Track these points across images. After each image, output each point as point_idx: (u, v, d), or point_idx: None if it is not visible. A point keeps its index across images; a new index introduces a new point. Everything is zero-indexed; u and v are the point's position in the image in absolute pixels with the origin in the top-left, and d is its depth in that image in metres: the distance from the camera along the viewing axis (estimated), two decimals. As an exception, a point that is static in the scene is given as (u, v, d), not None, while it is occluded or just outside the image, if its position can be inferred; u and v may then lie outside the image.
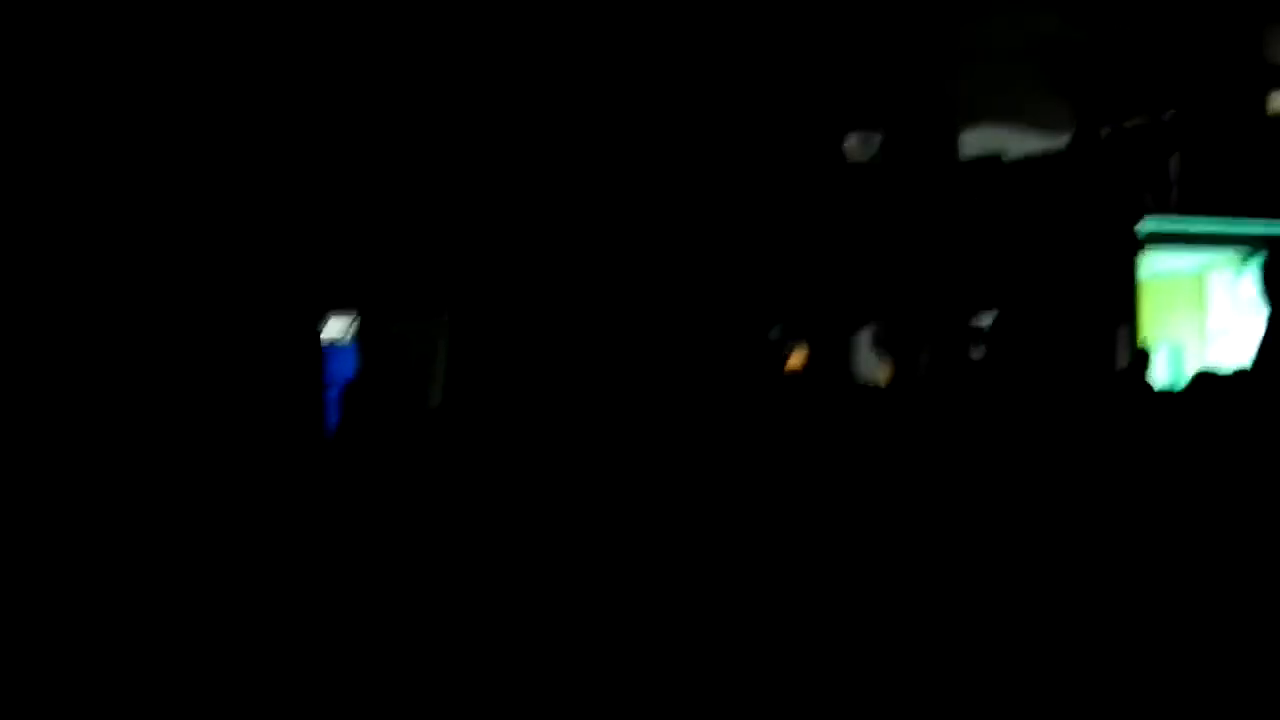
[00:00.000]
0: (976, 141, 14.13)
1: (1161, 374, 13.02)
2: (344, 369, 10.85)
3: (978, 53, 13.20)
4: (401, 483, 5.01)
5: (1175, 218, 13.87)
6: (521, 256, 11.11)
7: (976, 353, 14.05)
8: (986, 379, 11.53)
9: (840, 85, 12.74)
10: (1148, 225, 13.60)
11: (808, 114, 12.74)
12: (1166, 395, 7.24)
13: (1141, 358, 11.58)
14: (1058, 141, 14.12)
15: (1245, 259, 13.59)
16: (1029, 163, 13.92)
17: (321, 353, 10.67)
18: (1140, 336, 13.11)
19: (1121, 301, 13.40)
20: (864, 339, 14.09)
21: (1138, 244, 13.63)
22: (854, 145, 13.60)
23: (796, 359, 14.49)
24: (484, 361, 10.99)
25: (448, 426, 5.53)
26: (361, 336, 10.48)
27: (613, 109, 11.56)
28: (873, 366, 13.98)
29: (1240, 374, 4.25)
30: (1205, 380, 4.48)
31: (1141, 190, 14.04)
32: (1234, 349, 12.83)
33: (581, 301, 11.33)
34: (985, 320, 14.08)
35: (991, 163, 13.89)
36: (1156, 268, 13.91)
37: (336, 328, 11.10)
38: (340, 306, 10.64)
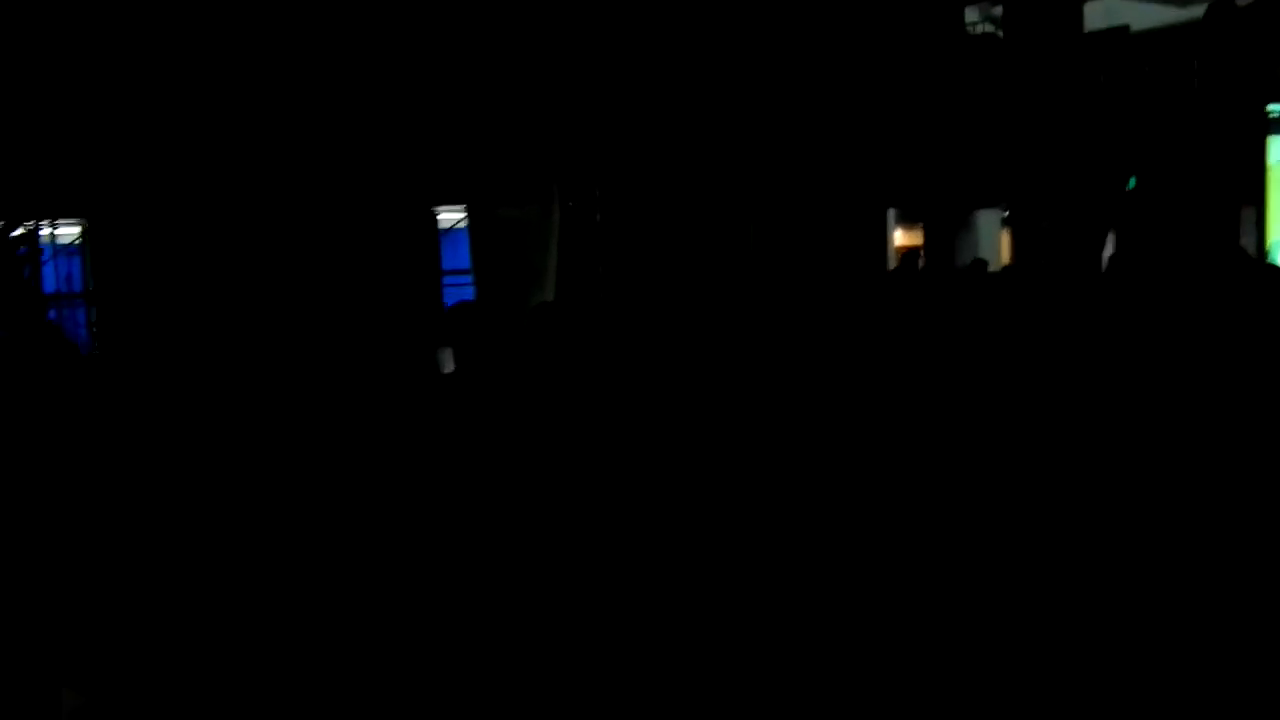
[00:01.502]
0: (1101, 13, 13.59)
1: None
2: (458, 255, 10.98)
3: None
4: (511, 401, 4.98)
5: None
6: (636, 147, 11.04)
7: (1101, 232, 13.71)
8: (1113, 259, 11.27)
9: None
10: (1280, 107, 13.03)
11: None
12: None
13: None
14: (1188, 14, 13.52)
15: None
16: (1157, 36, 13.35)
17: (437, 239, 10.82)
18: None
19: (1249, 183, 12.88)
20: (984, 219, 13.81)
21: (1269, 125, 13.06)
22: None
23: (914, 238, 14.31)
24: (593, 250, 11.03)
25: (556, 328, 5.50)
26: (473, 223, 10.50)
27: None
28: (991, 246, 13.72)
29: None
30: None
31: (1276, 69, 13.40)
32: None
33: (696, 184, 11.24)
34: (1108, 199, 13.71)
35: (1118, 35, 13.33)
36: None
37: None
38: (453, 196, 10.68)
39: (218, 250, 9.73)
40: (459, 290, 10.86)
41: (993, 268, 13.19)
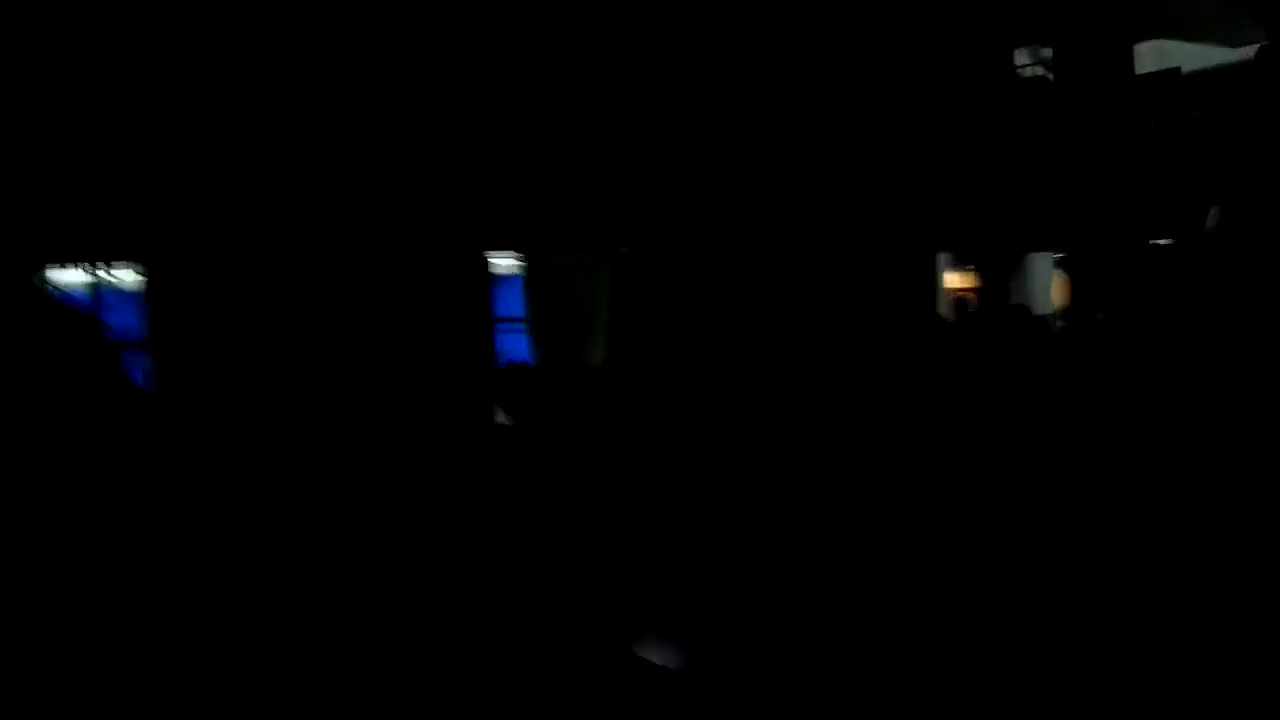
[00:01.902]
0: (1153, 55, 13.53)
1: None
2: (510, 302, 11.03)
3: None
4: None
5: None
6: (691, 189, 11.07)
7: (1158, 277, 13.59)
8: (1171, 305, 11.16)
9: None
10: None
11: (977, 26, 12.33)
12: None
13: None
14: (1240, 55, 13.43)
15: None
16: (1209, 76, 13.26)
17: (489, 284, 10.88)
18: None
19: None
20: (1038, 263, 13.72)
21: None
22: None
23: (968, 284, 14.23)
24: (647, 299, 11.05)
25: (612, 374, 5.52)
26: (527, 270, 10.54)
27: (766, 25, 11.37)
28: (1047, 292, 13.62)
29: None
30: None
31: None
32: None
33: (749, 229, 11.24)
34: (1163, 243, 13.59)
35: (1169, 77, 13.26)
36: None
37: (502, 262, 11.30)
38: (506, 242, 10.74)
39: (272, 293, 9.82)
40: (513, 338, 10.90)
41: (1046, 311, 13.13)
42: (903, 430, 5.84)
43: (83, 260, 10.01)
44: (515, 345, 10.66)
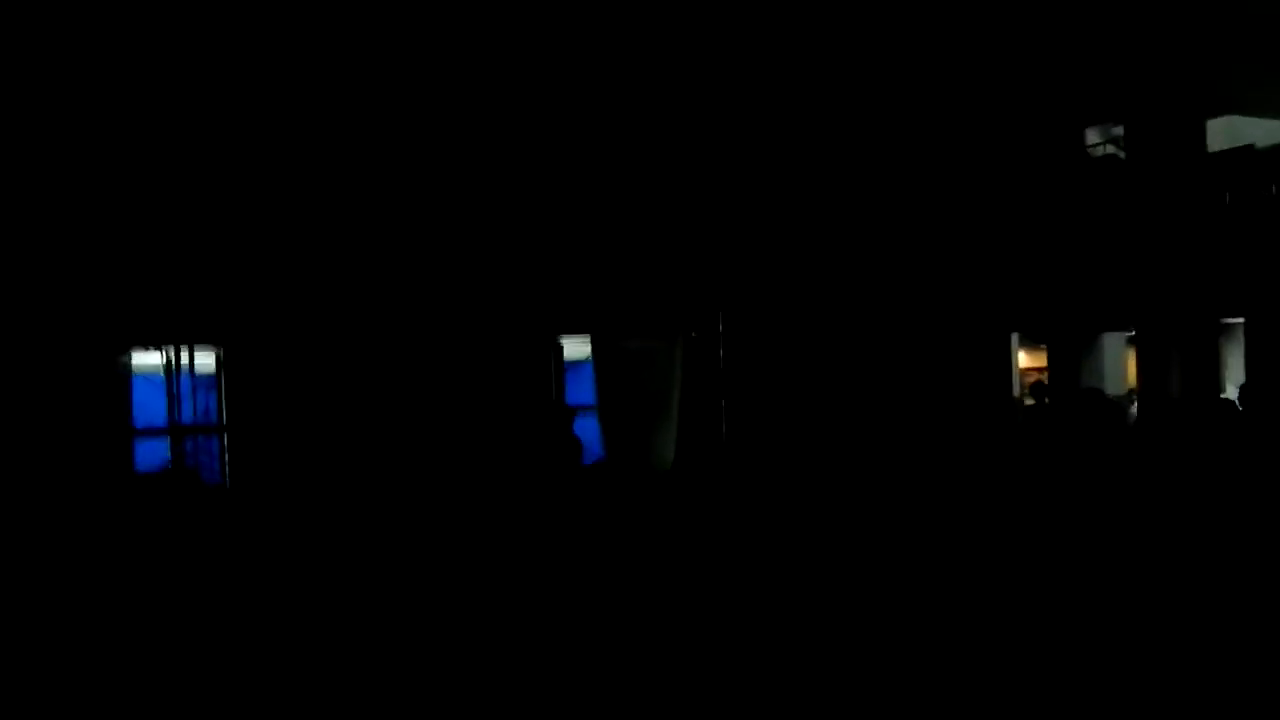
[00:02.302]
0: (1224, 131, 13.41)
1: None
2: (580, 388, 11.09)
3: (1225, 37, 12.51)
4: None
5: None
6: (759, 279, 11.10)
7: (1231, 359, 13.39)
8: (1242, 393, 10.99)
9: (1082, 75, 12.24)
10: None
11: (1048, 105, 12.30)
12: None
13: None
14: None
15: None
16: (1282, 153, 13.12)
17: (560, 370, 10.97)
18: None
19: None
20: (1109, 343, 13.54)
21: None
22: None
23: (1038, 364, 14.10)
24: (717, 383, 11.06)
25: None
26: (597, 355, 10.57)
27: (837, 110, 11.41)
28: (1118, 373, 13.44)
29: None
30: None
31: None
32: None
33: (819, 312, 11.24)
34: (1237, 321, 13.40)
35: (1243, 154, 13.13)
36: None
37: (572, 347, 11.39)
38: (577, 327, 10.80)
39: (348, 378, 9.92)
40: (585, 423, 10.93)
41: (1117, 391, 12.94)
42: (979, 516, 5.79)
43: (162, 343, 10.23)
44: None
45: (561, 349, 11.12)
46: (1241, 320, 13.33)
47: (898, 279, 11.46)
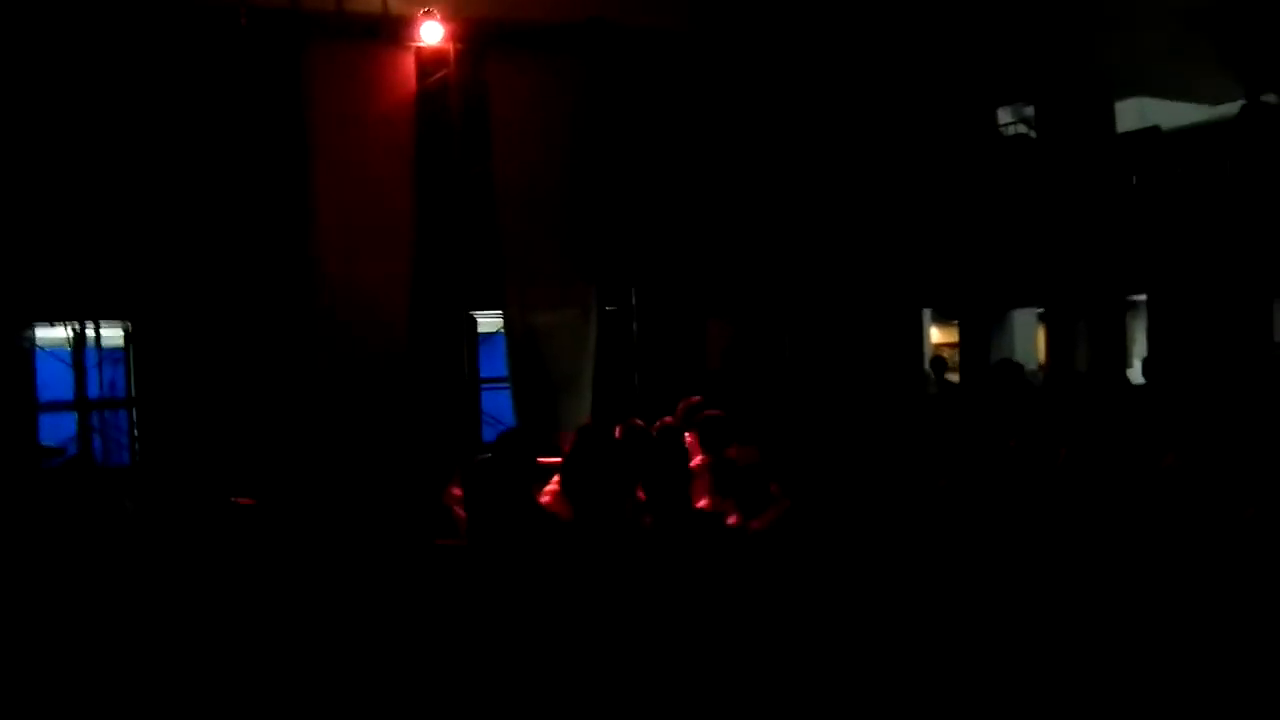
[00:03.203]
0: (1134, 113, 13.66)
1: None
2: (494, 360, 11.09)
3: (1134, 20, 12.74)
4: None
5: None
6: (672, 250, 11.15)
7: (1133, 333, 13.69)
8: (1146, 365, 11.23)
9: (993, 54, 12.40)
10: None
11: (960, 83, 12.44)
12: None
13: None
14: (1219, 113, 13.56)
15: None
16: (1190, 134, 13.39)
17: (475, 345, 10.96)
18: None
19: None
20: (1019, 318, 13.80)
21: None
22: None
23: (949, 335, 14.31)
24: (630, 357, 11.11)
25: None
26: (508, 327, 10.57)
27: (748, 84, 11.48)
28: (1028, 349, 13.71)
29: None
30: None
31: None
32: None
33: (730, 286, 11.32)
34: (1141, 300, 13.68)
35: (1149, 135, 13.39)
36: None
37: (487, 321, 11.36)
38: (490, 301, 10.80)
39: (258, 349, 9.81)
40: (495, 396, 10.93)
41: (1029, 366, 13.19)
42: (891, 487, 5.83)
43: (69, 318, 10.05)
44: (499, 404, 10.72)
45: (475, 323, 11.14)
46: (1145, 298, 13.65)
47: (810, 253, 11.54)
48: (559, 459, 7.26)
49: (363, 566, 5.04)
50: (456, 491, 6.36)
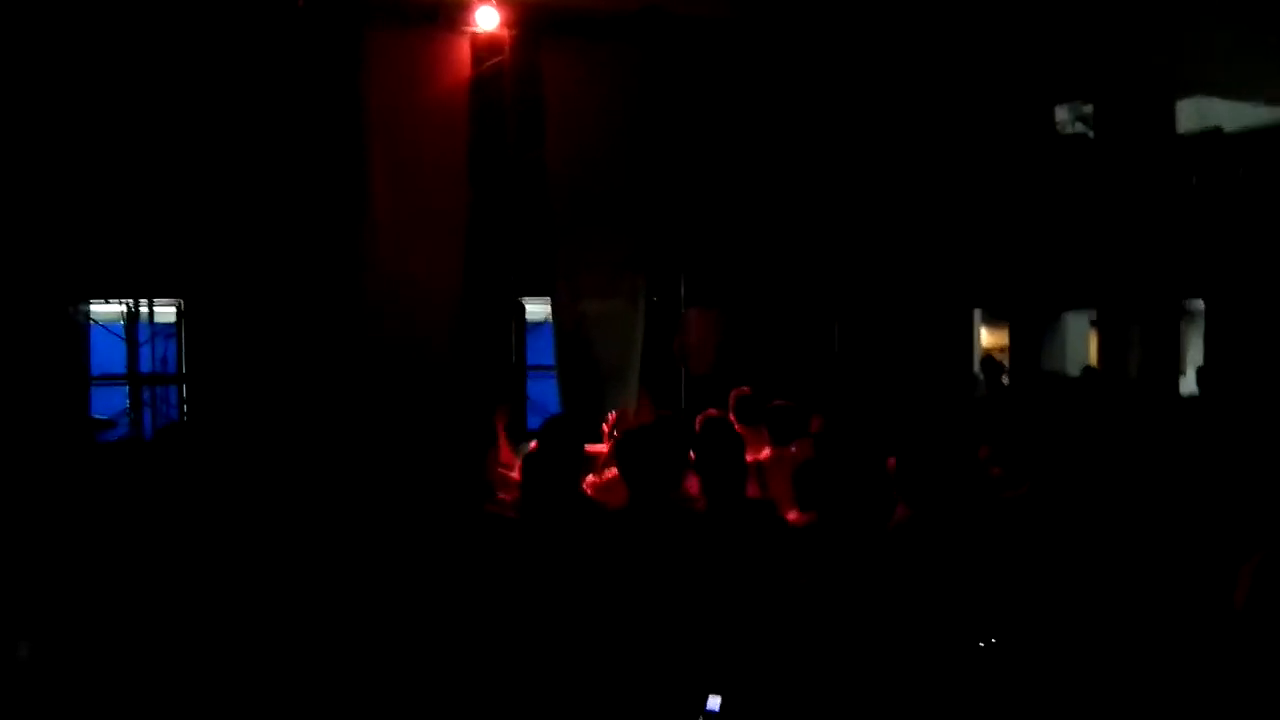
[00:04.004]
0: (1194, 113, 13.46)
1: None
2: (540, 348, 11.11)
3: (1198, 17, 12.54)
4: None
5: None
6: (722, 241, 11.11)
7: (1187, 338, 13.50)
8: (1202, 373, 11.10)
9: (1052, 52, 12.23)
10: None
11: (1017, 81, 12.29)
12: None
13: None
14: (1281, 114, 13.35)
15: None
16: (1253, 136, 13.19)
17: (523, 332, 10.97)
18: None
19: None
20: (1072, 321, 13.63)
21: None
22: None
23: (999, 338, 14.16)
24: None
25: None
26: (556, 315, 10.57)
27: (803, 84, 11.40)
28: (1080, 353, 13.53)
29: None
30: None
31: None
32: None
33: (781, 282, 11.26)
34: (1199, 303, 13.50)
35: (1211, 136, 13.21)
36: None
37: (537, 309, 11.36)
38: (538, 288, 10.80)
39: (308, 329, 9.87)
40: (541, 384, 10.94)
41: (1080, 369, 13.04)
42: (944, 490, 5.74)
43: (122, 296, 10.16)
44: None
45: (524, 310, 11.15)
46: (1203, 303, 13.46)
47: (860, 248, 11.45)
48: (603, 446, 7.27)
49: (407, 537, 5.05)
50: (503, 470, 6.39)
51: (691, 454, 4.91)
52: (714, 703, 3.79)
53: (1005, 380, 12.32)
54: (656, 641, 4.08)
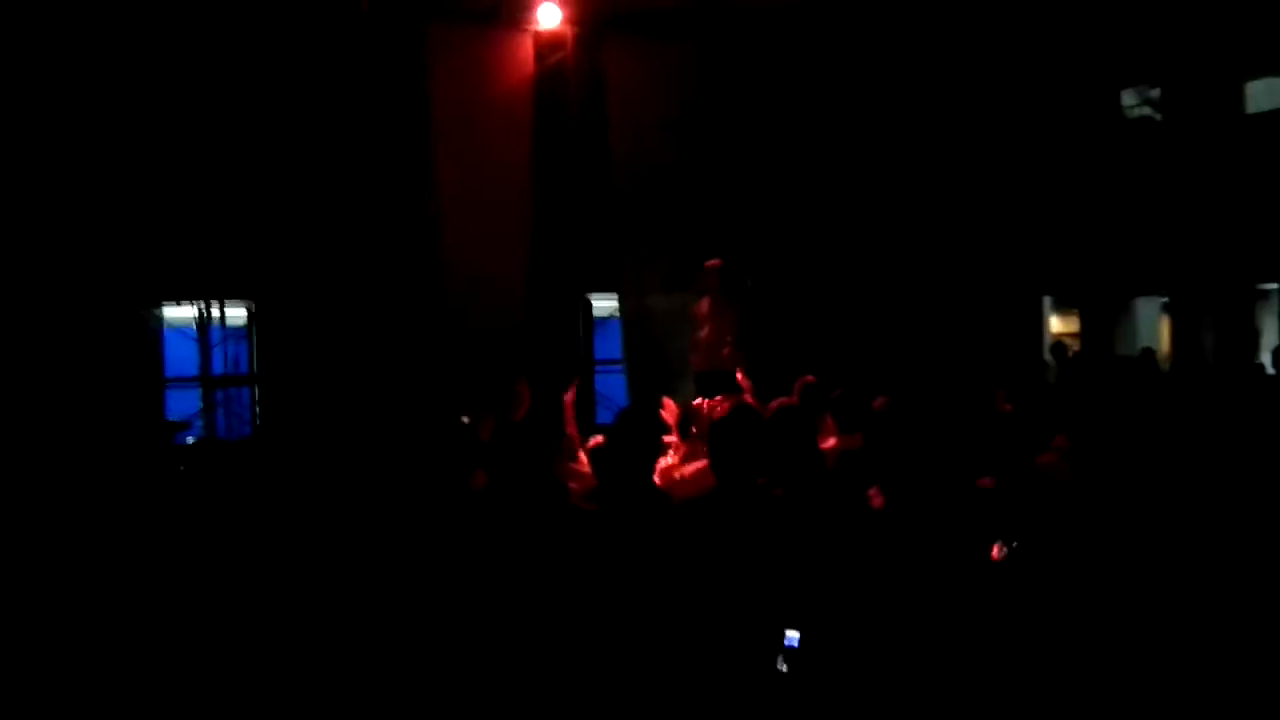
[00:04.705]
0: (1265, 93, 13.21)
1: None
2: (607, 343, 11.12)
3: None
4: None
5: None
6: (789, 237, 11.07)
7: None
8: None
9: (1118, 35, 12.08)
10: None
11: (1084, 66, 12.15)
12: None
13: None
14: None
15: None
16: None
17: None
18: None
19: None
20: (1143, 306, 13.44)
21: None
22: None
23: (1069, 324, 13.98)
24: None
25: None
26: (624, 312, 10.61)
27: (878, 70, 11.34)
28: (1152, 339, 13.33)
29: None
30: None
31: None
32: None
33: (851, 273, 11.20)
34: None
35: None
36: None
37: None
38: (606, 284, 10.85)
39: (376, 330, 9.96)
40: (608, 379, 10.96)
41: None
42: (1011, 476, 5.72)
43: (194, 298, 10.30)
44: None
45: (590, 306, 11.16)
46: (1277, 286, 13.22)
47: (932, 239, 11.37)
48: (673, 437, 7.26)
49: (478, 533, 5.07)
50: (574, 465, 6.40)
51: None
52: (793, 637, 3.82)
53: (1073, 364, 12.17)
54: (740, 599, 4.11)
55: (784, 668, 3.82)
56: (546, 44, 10.26)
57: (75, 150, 9.29)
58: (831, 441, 7.03)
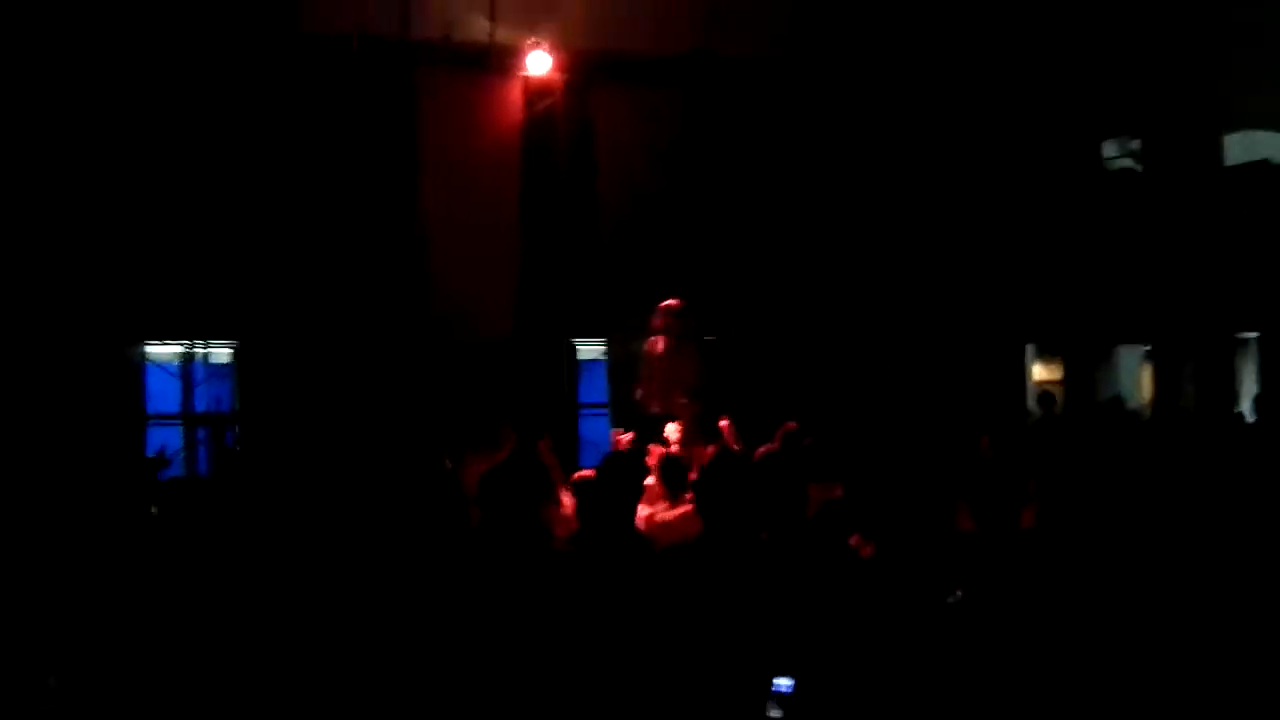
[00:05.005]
0: (1241, 146, 13.39)
1: None
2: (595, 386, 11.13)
3: (1245, 49, 12.50)
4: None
5: None
6: (772, 282, 11.14)
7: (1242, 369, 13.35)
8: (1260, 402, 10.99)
9: (1099, 87, 12.24)
10: None
11: (1065, 117, 12.29)
12: None
13: None
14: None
15: None
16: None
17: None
18: None
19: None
20: (1125, 357, 13.52)
21: None
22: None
23: (1052, 373, 14.04)
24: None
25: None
26: (611, 355, 10.65)
27: (853, 115, 11.45)
28: (1133, 382, 13.41)
29: None
30: None
31: None
32: None
33: (832, 319, 11.26)
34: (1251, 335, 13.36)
35: (1259, 169, 13.12)
36: None
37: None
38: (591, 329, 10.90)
39: (358, 369, 9.97)
40: (596, 422, 10.95)
41: (1134, 405, 12.91)
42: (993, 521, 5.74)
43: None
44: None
45: (575, 350, 11.18)
46: (1256, 335, 13.34)
47: (914, 287, 11.44)
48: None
49: (463, 573, 5.07)
50: (558, 509, 6.40)
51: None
52: (784, 684, 3.82)
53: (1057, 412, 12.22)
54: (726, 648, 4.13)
55: (775, 715, 3.83)
56: (536, 90, 10.35)
57: (61, 188, 9.33)
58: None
